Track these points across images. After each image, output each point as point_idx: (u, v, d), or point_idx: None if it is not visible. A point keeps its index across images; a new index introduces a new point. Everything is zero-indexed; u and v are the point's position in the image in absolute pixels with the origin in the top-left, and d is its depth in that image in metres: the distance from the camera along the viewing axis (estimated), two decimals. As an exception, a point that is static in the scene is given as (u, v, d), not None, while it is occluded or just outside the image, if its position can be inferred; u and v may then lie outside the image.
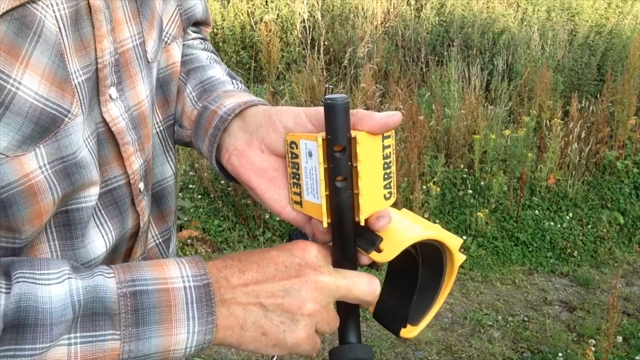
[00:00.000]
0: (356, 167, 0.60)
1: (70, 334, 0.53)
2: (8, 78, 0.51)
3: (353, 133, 0.59)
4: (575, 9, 7.08)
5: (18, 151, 0.53)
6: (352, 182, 0.60)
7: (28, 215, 0.56)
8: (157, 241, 0.80)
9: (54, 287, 0.53)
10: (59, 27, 0.55)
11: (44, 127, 0.55)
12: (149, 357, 0.56)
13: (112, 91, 0.63)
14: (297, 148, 0.63)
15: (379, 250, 0.62)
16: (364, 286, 0.63)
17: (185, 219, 3.75)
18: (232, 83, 0.83)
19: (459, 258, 0.67)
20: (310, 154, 0.62)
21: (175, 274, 0.58)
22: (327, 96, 0.58)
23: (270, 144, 0.67)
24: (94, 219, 0.65)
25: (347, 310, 0.65)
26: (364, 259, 0.64)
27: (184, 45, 0.86)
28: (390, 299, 0.69)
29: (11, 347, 0.50)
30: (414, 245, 0.64)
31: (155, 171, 0.78)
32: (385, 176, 0.62)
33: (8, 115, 0.52)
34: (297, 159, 0.64)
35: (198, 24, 0.92)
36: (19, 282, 0.52)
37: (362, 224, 0.62)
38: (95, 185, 0.62)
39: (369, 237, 0.63)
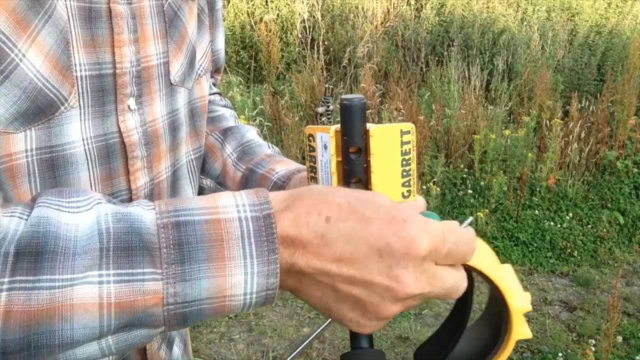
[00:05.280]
0: (369, 161, 0.58)
1: (102, 271, 0.44)
2: (14, 47, 0.51)
3: (368, 126, 0.57)
4: (575, 9, 7.08)
5: (9, 128, 0.53)
6: (366, 179, 0.59)
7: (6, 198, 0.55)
8: None
9: (82, 215, 0.46)
10: (68, 16, 0.56)
11: (40, 108, 0.55)
12: (201, 303, 0.47)
13: (131, 102, 0.64)
14: (314, 141, 0.62)
15: None
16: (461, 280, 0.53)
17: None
18: (269, 146, 0.86)
19: (518, 328, 0.57)
20: (325, 147, 0.61)
21: (228, 202, 0.49)
22: (343, 96, 0.57)
23: None
24: None
25: None
26: None
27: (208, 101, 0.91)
28: (433, 343, 0.64)
29: (26, 279, 0.43)
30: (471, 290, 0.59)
31: None
32: (404, 173, 0.60)
33: (7, 84, 0.52)
34: (314, 152, 0.63)
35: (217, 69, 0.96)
36: (40, 207, 0.46)
37: None
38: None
39: None
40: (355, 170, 0.58)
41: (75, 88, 0.57)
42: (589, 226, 4.09)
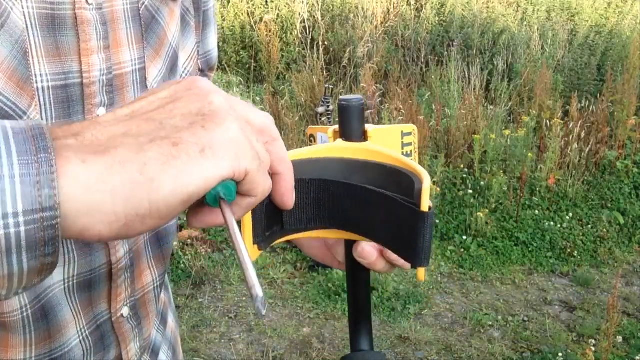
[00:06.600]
0: None
1: None
2: None
3: (366, 127, 0.58)
4: (575, 9, 7.08)
5: None
6: None
7: None
8: (156, 284, 0.76)
9: None
10: (27, 24, 0.53)
11: None
12: None
13: (101, 112, 0.61)
14: (315, 141, 0.63)
15: None
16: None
17: (186, 218, 3.75)
18: None
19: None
20: None
21: None
22: (341, 97, 0.57)
23: None
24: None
25: (358, 316, 0.62)
26: None
27: None
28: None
29: None
30: None
31: None
32: None
33: None
34: None
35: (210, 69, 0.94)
36: None
37: None
38: None
39: None
40: None
41: (36, 100, 0.55)
42: (589, 226, 4.09)
